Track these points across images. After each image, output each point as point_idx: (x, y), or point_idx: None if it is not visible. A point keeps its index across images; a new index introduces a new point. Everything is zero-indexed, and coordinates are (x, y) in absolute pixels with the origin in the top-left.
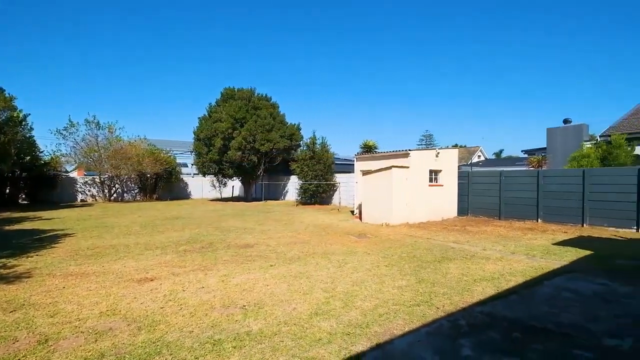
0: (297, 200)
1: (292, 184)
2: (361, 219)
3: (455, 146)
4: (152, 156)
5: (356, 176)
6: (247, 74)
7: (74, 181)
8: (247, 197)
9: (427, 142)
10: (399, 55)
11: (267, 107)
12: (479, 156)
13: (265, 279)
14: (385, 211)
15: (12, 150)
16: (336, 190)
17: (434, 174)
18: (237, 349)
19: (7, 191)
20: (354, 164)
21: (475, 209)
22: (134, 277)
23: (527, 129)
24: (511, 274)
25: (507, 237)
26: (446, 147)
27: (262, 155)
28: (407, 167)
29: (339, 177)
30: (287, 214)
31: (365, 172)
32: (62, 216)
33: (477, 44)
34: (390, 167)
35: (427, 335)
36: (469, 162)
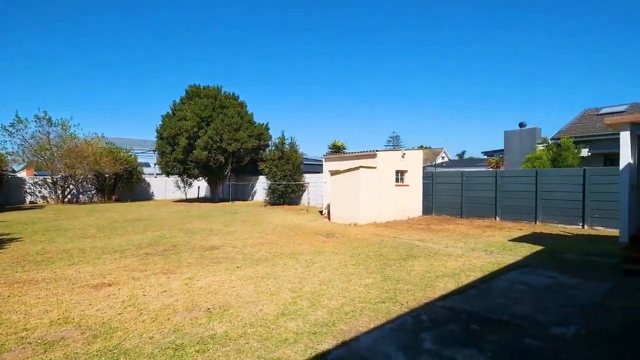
0: (265, 200)
1: (261, 184)
2: (330, 218)
3: (420, 147)
4: (111, 155)
5: (325, 176)
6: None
7: (22, 181)
8: (213, 197)
9: (395, 144)
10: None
11: (234, 106)
12: (443, 157)
13: (231, 281)
14: (353, 211)
15: None
16: (305, 190)
17: (400, 174)
18: (200, 353)
19: None
20: (322, 164)
21: (439, 208)
22: (89, 282)
23: (488, 131)
24: (471, 269)
25: (468, 235)
26: (412, 148)
27: (230, 155)
28: (375, 168)
29: (308, 178)
30: (255, 214)
31: (333, 173)
32: (7, 219)
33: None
34: (358, 168)
35: (391, 331)
36: (433, 163)
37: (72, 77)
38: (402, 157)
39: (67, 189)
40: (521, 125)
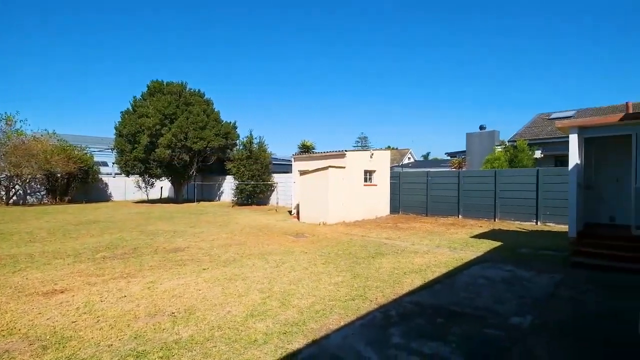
0: (233, 201)
1: (228, 185)
2: (299, 218)
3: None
4: (64, 153)
5: (294, 176)
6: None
7: None
8: (177, 198)
9: (363, 144)
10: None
11: (200, 103)
12: (409, 158)
13: (197, 283)
14: (322, 210)
15: None
16: (274, 190)
17: (368, 174)
18: (164, 359)
19: None
20: (292, 164)
21: (405, 207)
22: (38, 290)
23: (451, 133)
24: (436, 265)
25: (433, 232)
26: (380, 149)
27: (195, 154)
28: (344, 168)
29: (277, 177)
30: (223, 215)
31: (302, 172)
32: None
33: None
34: (327, 167)
35: (361, 327)
36: (400, 163)
37: (19, 69)
38: (371, 157)
39: (13, 190)
40: (481, 127)
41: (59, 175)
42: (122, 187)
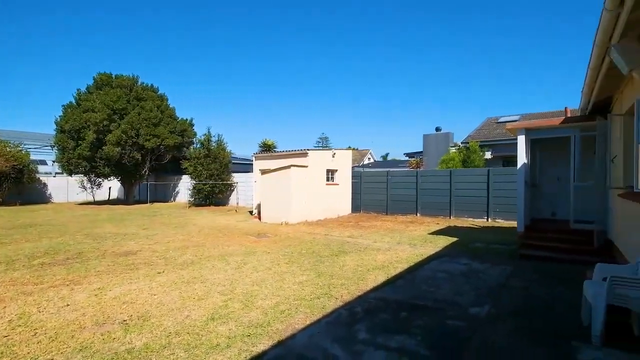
0: (189, 201)
1: (184, 184)
2: (260, 218)
3: (349, 148)
4: None
5: (255, 175)
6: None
7: None
8: (128, 199)
9: (324, 144)
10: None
11: (153, 99)
12: (369, 158)
13: (151, 288)
14: (284, 210)
15: None
16: (234, 190)
17: (330, 174)
18: None
19: None
20: (252, 164)
21: (366, 206)
22: None
23: (409, 134)
24: (398, 261)
25: (393, 230)
26: (341, 149)
27: (148, 152)
28: (306, 167)
29: (237, 177)
30: (178, 216)
31: (264, 172)
32: None
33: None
34: (289, 167)
35: (327, 325)
36: (360, 163)
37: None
38: (333, 156)
39: None
40: (437, 129)
41: None
42: (64, 188)
